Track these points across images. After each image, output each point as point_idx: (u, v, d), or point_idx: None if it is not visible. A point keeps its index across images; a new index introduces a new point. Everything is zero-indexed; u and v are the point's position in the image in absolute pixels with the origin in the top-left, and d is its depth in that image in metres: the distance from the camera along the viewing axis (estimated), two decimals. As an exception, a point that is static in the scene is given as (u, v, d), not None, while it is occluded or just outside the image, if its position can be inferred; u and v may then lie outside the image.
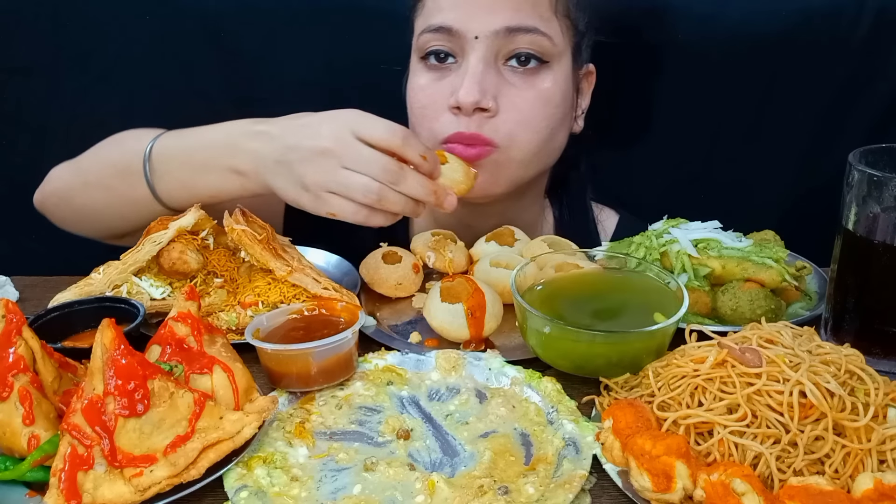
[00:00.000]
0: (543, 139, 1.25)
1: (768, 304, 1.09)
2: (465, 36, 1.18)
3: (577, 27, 1.26)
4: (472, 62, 1.18)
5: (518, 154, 1.24)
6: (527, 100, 1.22)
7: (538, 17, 1.19)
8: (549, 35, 1.20)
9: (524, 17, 1.18)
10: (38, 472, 0.81)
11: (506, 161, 1.23)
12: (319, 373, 0.96)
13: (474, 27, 1.18)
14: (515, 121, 1.21)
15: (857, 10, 1.49)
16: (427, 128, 1.25)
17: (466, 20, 1.18)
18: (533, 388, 0.97)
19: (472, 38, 1.18)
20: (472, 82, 1.17)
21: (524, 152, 1.24)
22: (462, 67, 1.20)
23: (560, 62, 1.24)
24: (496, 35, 1.18)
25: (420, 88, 1.26)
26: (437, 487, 0.81)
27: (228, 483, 0.82)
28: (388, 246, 1.28)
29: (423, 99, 1.25)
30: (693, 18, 1.53)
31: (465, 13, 1.18)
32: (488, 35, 1.18)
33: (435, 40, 1.21)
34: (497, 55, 1.20)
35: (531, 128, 1.23)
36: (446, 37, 1.20)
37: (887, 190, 0.96)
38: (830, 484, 0.76)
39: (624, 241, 1.21)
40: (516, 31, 1.18)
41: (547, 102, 1.23)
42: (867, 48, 1.50)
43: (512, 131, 1.21)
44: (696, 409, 0.85)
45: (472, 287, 1.09)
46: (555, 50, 1.22)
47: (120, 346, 0.80)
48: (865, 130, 1.55)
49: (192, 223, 1.12)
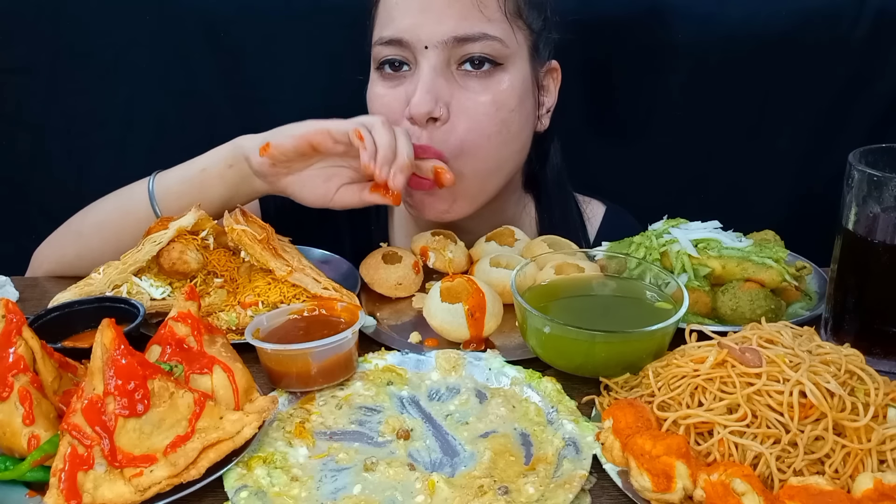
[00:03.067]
0: (497, 145, 1.23)
1: (768, 304, 1.09)
2: (415, 46, 1.19)
3: (530, 26, 1.25)
4: (424, 71, 1.18)
5: (469, 164, 1.21)
6: (480, 104, 1.20)
7: (486, 21, 1.18)
8: (499, 38, 1.19)
9: (471, 24, 1.17)
10: (38, 472, 0.81)
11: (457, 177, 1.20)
12: (319, 373, 0.96)
13: (423, 37, 1.18)
14: (465, 128, 1.20)
15: (857, 10, 1.49)
16: None
17: (415, 30, 1.18)
18: (533, 388, 0.97)
19: (423, 47, 1.18)
20: (423, 91, 1.17)
21: (476, 161, 1.22)
22: (416, 76, 1.20)
23: (515, 63, 1.23)
24: (445, 44, 1.18)
25: (377, 97, 1.26)
26: (437, 487, 0.81)
27: (228, 483, 0.82)
28: (387, 246, 1.28)
29: (381, 108, 1.24)
30: (693, 18, 1.53)
31: (413, 23, 1.18)
32: (437, 45, 1.17)
33: (387, 51, 1.22)
34: (448, 61, 1.20)
35: (483, 134, 1.21)
36: (398, 48, 1.20)
37: (887, 190, 0.96)
38: (830, 484, 0.76)
39: (624, 241, 1.21)
40: (464, 39, 1.18)
41: (501, 106, 1.21)
42: (867, 48, 1.50)
43: (462, 139, 1.20)
44: (696, 409, 0.85)
45: (472, 287, 1.09)
46: (507, 51, 1.21)
47: (120, 346, 0.80)
48: (865, 130, 1.55)
49: (192, 223, 1.12)
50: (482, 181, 1.26)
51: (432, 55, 1.18)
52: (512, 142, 1.26)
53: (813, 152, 1.61)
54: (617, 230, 1.36)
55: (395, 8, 1.21)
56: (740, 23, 1.51)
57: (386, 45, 1.21)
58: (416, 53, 1.19)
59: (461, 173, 1.21)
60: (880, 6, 1.48)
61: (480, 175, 1.25)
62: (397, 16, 1.20)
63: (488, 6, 1.18)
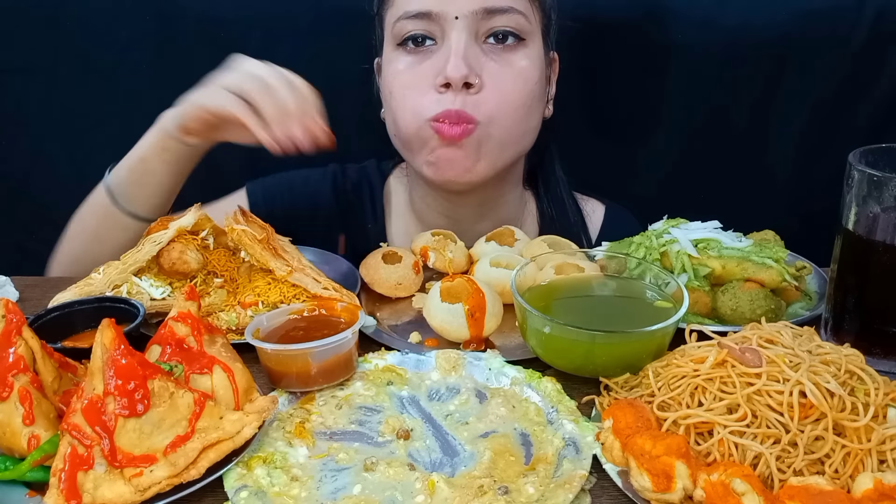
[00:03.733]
0: (521, 117, 1.27)
1: (768, 304, 1.09)
2: (445, 17, 1.21)
3: (543, 8, 1.29)
4: (455, 40, 1.21)
5: (497, 131, 1.25)
6: (507, 76, 1.25)
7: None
8: (523, 13, 1.24)
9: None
10: (38, 472, 0.81)
11: (485, 138, 1.25)
12: (319, 373, 0.96)
13: (453, 9, 1.21)
14: (496, 98, 1.24)
15: (857, 10, 1.49)
16: (410, 108, 1.26)
17: (445, 3, 1.21)
18: (533, 388, 0.97)
19: (453, 18, 1.21)
20: (458, 58, 1.20)
21: (503, 129, 1.26)
22: (444, 47, 1.23)
23: (535, 41, 1.28)
24: (475, 15, 1.21)
25: (401, 72, 1.27)
26: (437, 487, 0.81)
27: (228, 483, 0.82)
28: (387, 246, 1.28)
29: (406, 80, 1.27)
30: (693, 19, 1.53)
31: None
32: (467, 15, 1.21)
33: (413, 25, 1.24)
34: (477, 34, 1.23)
35: (511, 104, 1.25)
36: (425, 21, 1.23)
37: (887, 190, 0.96)
38: (830, 484, 0.76)
39: (624, 241, 1.21)
40: (494, 11, 1.22)
41: (526, 80, 1.26)
42: (867, 48, 1.50)
43: (492, 108, 1.24)
44: (696, 409, 0.85)
45: (472, 287, 1.09)
46: (530, 28, 1.26)
47: (120, 346, 0.80)
48: (865, 130, 1.55)
49: (192, 223, 1.12)
50: (504, 148, 1.29)
51: (461, 26, 1.21)
52: (532, 115, 1.31)
53: (813, 152, 1.61)
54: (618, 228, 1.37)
55: None
56: (740, 23, 1.51)
57: (411, 20, 1.24)
58: (445, 25, 1.22)
59: (490, 136, 1.25)
60: (880, 6, 1.48)
61: (505, 142, 1.28)
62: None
63: None
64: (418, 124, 1.25)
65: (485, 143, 1.25)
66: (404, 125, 1.28)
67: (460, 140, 1.23)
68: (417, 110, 1.25)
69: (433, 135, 1.24)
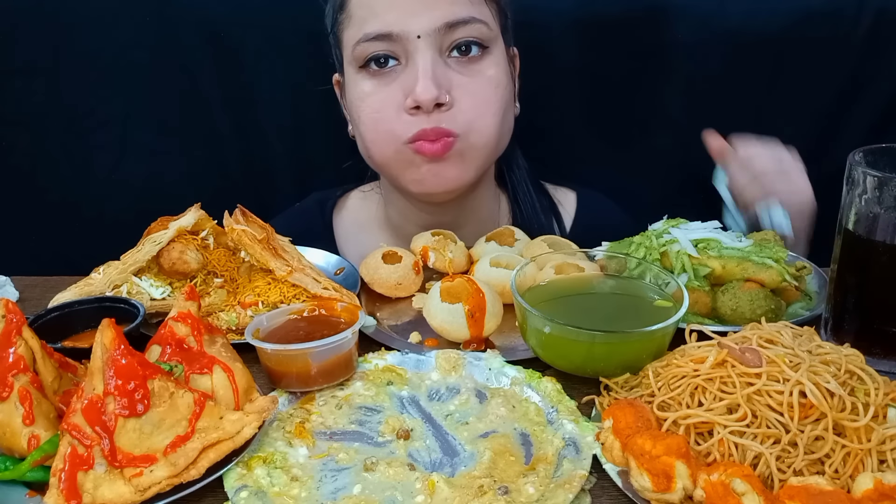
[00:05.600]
0: (498, 122, 1.26)
1: (768, 304, 1.09)
2: (406, 37, 1.19)
3: (502, 9, 1.28)
4: (421, 60, 1.19)
5: (479, 139, 1.25)
6: (478, 86, 1.23)
7: (471, 5, 1.21)
8: (484, 21, 1.22)
9: (460, 8, 1.20)
10: (38, 472, 0.81)
11: (468, 149, 1.24)
12: (319, 373, 0.96)
13: (415, 27, 1.18)
14: (472, 108, 1.22)
15: (857, 10, 1.49)
16: (385, 131, 1.24)
17: (405, 22, 1.18)
18: (533, 388, 0.97)
19: (415, 37, 1.19)
20: (426, 80, 1.18)
21: (485, 136, 1.25)
22: (410, 67, 1.21)
23: (497, 45, 1.27)
24: (437, 32, 1.19)
25: (367, 95, 1.25)
26: (437, 487, 0.81)
27: (228, 483, 0.82)
28: (387, 246, 1.28)
29: (374, 104, 1.24)
30: (693, 18, 1.52)
31: (402, 15, 1.19)
32: (430, 33, 1.18)
33: (374, 47, 1.21)
34: (441, 48, 1.21)
35: (488, 111, 1.24)
36: (387, 42, 1.20)
37: (887, 190, 0.96)
38: (830, 484, 0.76)
39: (624, 241, 1.21)
40: (455, 24, 1.19)
41: (497, 85, 1.25)
42: (867, 48, 1.50)
43: (470, 119, 1.22)
44: (696, 409, 0.85)
45: (473, 287, 1.09)
46: (491, 34, 1.25)
47: (120, 346, 0.80)
48: (865, 130, 1.55)
49: (192, 223, 1.12)
50: (489, 153, 1.29)
51: (425, 44, 1.19)
52: (508, 117, 1.30)
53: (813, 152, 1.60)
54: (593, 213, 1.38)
55: (376, 2, 1.20)
56: (740, 22, 1.51)
57: (372, 42, 1.21)
58: (407, 45, 1.19)
59: (472, 145, 1.24)
60: (880, 6, 1.48)
61: (488, 146, 1.27)
62: (381, 9, 1.20)
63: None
64: (395, 147, 1.23)
65: (468, 152, 1.24)
66: (378, 150, 1.26)
67: (443, 154, 1.22)
68: (392, 135, 1.23)
69: (415, 155, 1.22)
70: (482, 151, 1.27)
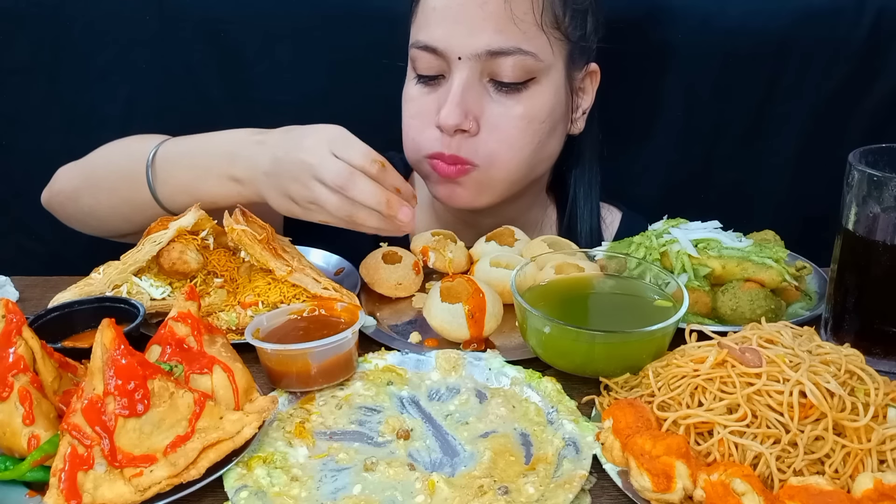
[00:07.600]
0: (527, 156, 1.25)
1: (768, 304, 1.09)
2: (448, 56, 1.18)
3: (568, 36, 1.23)
4: (455, 83, 1.18)
5: (500, 173, 1.24)
6: (510, 119, 1.21)
7: (521, 35, 1.17)
8: (532, 53, 1.18)
9: (506, 38, 1.16)
10: (38, 472, 0.81)
11: (486, 180, 1.24)
12: (319, 373, 0.96)
13: (457, 48, 1.17)
14: (496, 141, 1.21)
15: (857, 10, 1.49)
16: (412, 139, 1.26)
17: (449, 40, 1.18)
18: (533, 388, 0.97)
19: (456, 58, 1.18)
20: (452, 104, 1.17)
21: (506, 171, 1.24)
22: (448, 86, 1.20)
23: (549, 74, 1.23)
24: (478, 57, 1.17)
25: (411, 99, 1.27)
26: (437, 487, 0.81)
27: (228, 483, 0.82)
28: (387, 246, 1.28)
29: (413, 109, 1.26)
30: (693, 18, 1.52)
31: (447, 33, 1.18)
32: (470, 57, 1.17)
33: (422, 58, 1.22)
34: (481, 73, 1.19)
35: (513, 147, 1.22)
36: (432, 55, 1.20)
37: (887, 190, 0.96)
38: (830, 484, 0.76)
39: (624, 241, 1.21)
40: (498, 53, 1.17)
41: (531, 120, 1.22)
42: (867, 48, 1.50)
43: (492, 151, 1.21)
44: (696, 409, 0.85)
45: (472, 287, 1.08)
46: (541, 65, 1.20)
47: (120, 346, 0.80)
48: (865, 130, 1.55)
49: (192, 223, 1.12)
50: (509, 184, 1.28)
51: (464, 67, 1.18)
52: (542, 150, 1.28)
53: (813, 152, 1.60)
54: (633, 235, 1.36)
55: (432, 13, 1.20)
56: (740, 22, 1.51)
57: (420, 51, 1.21)
58: (450, 63, 1.19)
59: (491, 177, 1.24)
60: (880, 6, 1.48)
61: (509, 179, 1.27)
62: (433, 22, 1.20)
63: (524, 20, 1.17)
64: (418, 157, 1.26)
65: (486, 182, 1.24)
66: (407, 152, 1.29)
67: (457, 178, 1.22)
68: (417, 144, 1.24)
69: (431, 170, 1.24)
70: (502, 183, 1.26)
